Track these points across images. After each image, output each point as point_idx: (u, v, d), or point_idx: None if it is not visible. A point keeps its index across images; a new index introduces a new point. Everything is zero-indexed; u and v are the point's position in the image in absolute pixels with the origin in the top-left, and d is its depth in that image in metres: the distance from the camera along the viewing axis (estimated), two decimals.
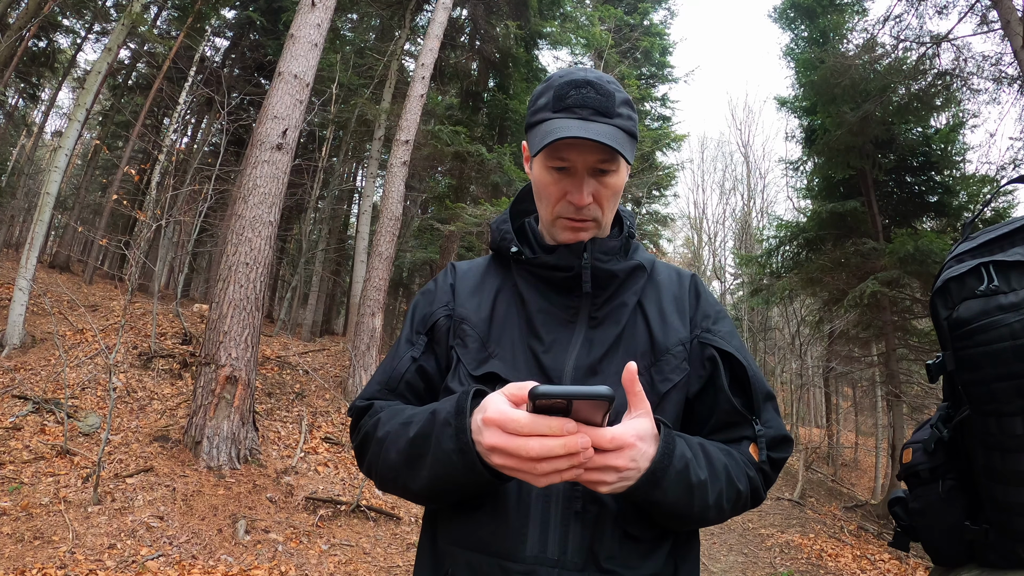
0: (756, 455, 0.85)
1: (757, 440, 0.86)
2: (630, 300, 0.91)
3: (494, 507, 0.79)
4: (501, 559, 0.77)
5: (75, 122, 7.42)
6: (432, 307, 0.97)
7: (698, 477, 0.75)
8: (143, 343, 7.19)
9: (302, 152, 11.64)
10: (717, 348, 0.89)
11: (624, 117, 0.86)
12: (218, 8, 12.98)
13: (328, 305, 17.22)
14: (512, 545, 0.77)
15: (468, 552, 0.80)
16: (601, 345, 0.87)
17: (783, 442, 0.89)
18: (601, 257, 0.89)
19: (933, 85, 8.63)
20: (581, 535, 0.77)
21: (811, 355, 14.43)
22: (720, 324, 0.93)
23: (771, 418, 0.89)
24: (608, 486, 0.69)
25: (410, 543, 4.95)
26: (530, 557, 0.76)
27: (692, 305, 0.94)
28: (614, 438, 0.66)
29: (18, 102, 15.91)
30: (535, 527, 0.77)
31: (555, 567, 0.76)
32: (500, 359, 0.87)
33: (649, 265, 0.96)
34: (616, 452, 0.66)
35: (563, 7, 11.94)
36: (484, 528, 0.79)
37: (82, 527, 3.85)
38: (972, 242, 1.03)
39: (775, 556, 6.32)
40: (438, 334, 0.94)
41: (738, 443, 0.87)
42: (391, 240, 8.01)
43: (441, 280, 1.01)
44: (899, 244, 8.19)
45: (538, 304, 0.91)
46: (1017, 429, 0.90)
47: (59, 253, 14.17)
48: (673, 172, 16.61)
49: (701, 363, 0.88)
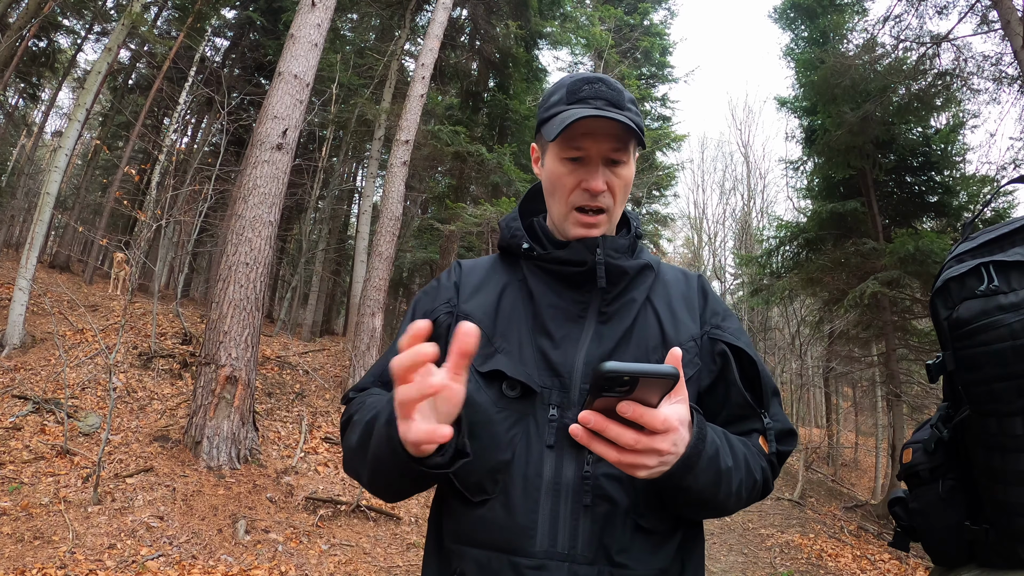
0: (766, 447, 0.87)
1: (766, 433, 0.88)
2: (639, 296, 0.92)
3: (502, 503, 0.79)
4: (511, 555, 0.77)
5: (75, 122, 7.42)
6: (434, 304, 0.97)
7: (726, 464, 0.76)
8: (143, 343, 7.19)
9: (302, 152, 11.63)
10: (728, 343, 0.90)
11: (634, 112, 0.90)
12: (218, 8, 12.98)
13: (328, 305, 17.21)
14: (521, 540, 0.77)
15: (476, 550, 0.79)
16: (611, 339, 0.88)
17: (789, 435, 0.91)
18: (613, 254, 0.90)
19: (933, 85, 8.63)
20: (591, 529, 0.77)
21: (811, 355, 14.43)
22: (728, 321, 0.95)
23: (778, 412, 0.91)
24: (648, 470, 0.68)
25: (410, 543, 4.95)
26: (540, 552, 0.76)
27: (700, 303, 0.96)
28: (667, 419, 0.65)
29: (18, 102, 15.91)
30: (544, 521, 0.77)
31: (565, 561, 0.76)
32: (506, 354, 0.87)
33: (656, 265, 0.98)
34: (663, 435, 0.66)
35: (563, 7, 11.93)
36: (492, 525, 0.79)
37: (82, 527, 3.85)
38: (972, 242, 1.03)
39: (775, 556, 6.32)
40: (438, 330, 0.93)
41: (748, 436, 0.88)
42: (391, 240, 8.01)
43: (445, 278, 1.01)
44: (899, 244, 8.19)
45: (548, 299, 0.91)
46: (1017, 429, 0.90)
47: (59, 253, 14.17)
48: (673, 172, 16.63)
49: (712, 358, 0.90)
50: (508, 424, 0.82)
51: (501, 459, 0.81)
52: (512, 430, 0.82)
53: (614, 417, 0.64)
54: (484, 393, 0.84)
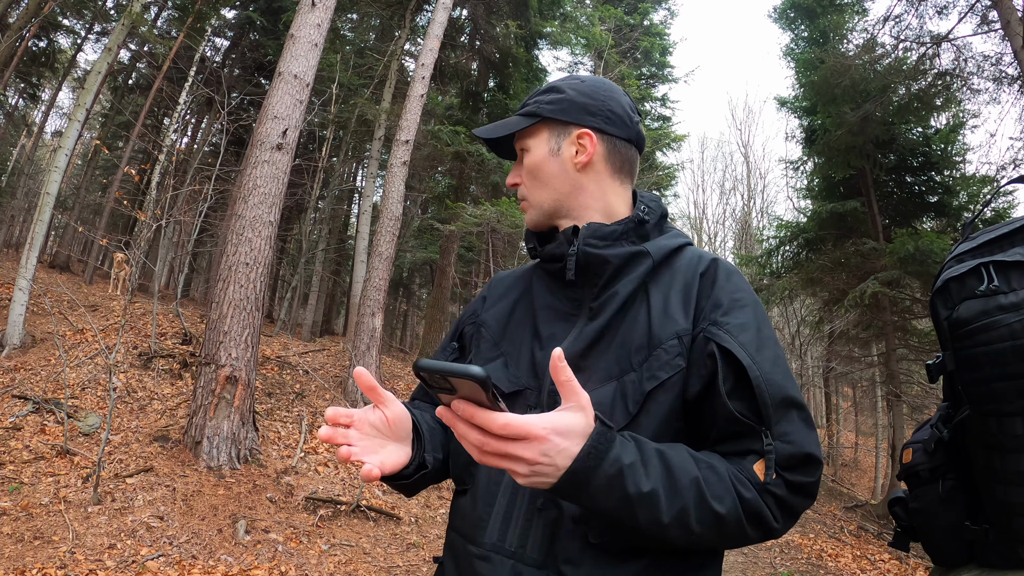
0: (762, 474, 0.71)
1: (765, 456, 0.71)
2: (623, 289, 0.83)
3: (472, 494, 0.84)
4: (467, 542, 0.82)
5: (75, 122, 7.42)
6: (465, 316, 1.03)
7: (638, 488, 0.65)
8: (143, 343, 7.19)
9: (302, 152, 11.64)
10: (718, 344, 0.76)
11: (532, 104, 0.93)
12: (218, 8, 12.97)
13: (328, 305, 17.21)
14: (476, 530, 0.80)
15: (453, 533, 0.87)
16: (585, 338, 0.82)
17: (805, 462, 0.72)
18: (593, 243, 0.84)
19: (933, 85, 8.64)
20: (544, 533, 0.76)
21: (811, 355, 14.43)
22: (733, 315, 0.79)
23: (791, 431, 0.72)
24: (523, 478, 0.63)
25: (410, 543, 4.95)
26: (488, 543, 0.78)
27: (703, 293, 0.83)
28: (507, 424, 0.58)
29: (18, 102, 15.91)
30: (497, 516, 0.79)
31: (511, 558, 0.76)
32: (508, 357, 0.90)
33: (663, 252, 0.86)
34: (520, 442, 0.60)
35: (563, 7, 11.94)
36: (462, 512, 0.85)
37: (82, 527, 3.85)
38: (972, 242, 1.03)
39: (775, 556, 6.32)
40: (465, 341, 1.00)
41: (743, 457, 0.73)
42: (391, 240, 8.01)
43: (480, 290, 1.10)
44: (899, 244, 8.19)
45: (544, 300, 0.91)
46: (1017, 429, 0.90)
47: (59, 253, 14.18)
48: (673, 172, 16.62)
49: (702, 360, 0.77)
50: None
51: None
52: None
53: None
54: None
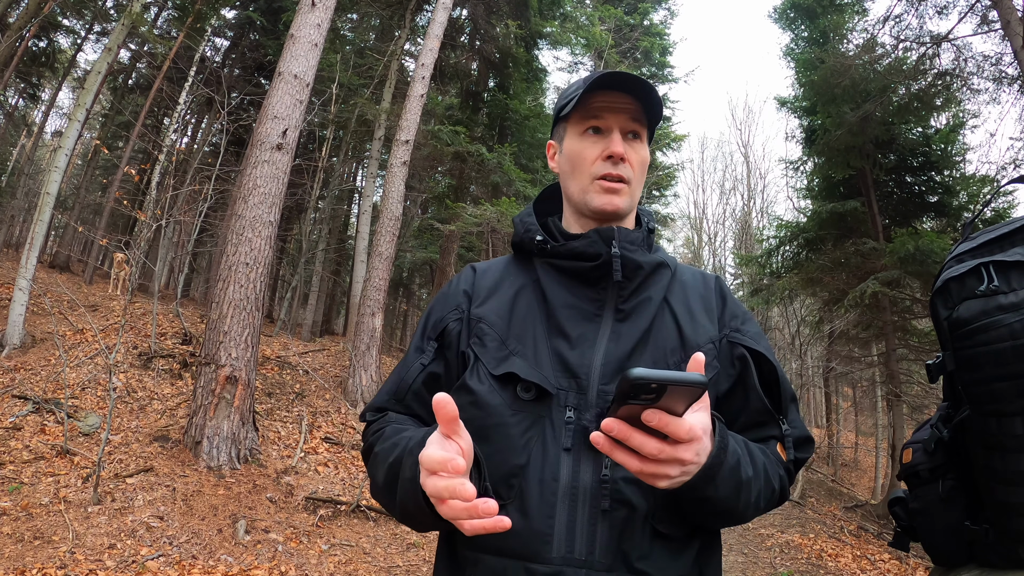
0: (784, 454, 0.86)
1: (784, 440, 0.86)
2: (656, 295, 0.90)
3: (518, 508, 0.77)
4: (527, 561, 0.75)
5: (75, 122, 7.42)
6: (444, 311, 0.96)
7: (747, 474, 0.75)
8: (143, 343, 7.19)
9: (302, 152, 11.64)
10: (747, 348, 0.89)
11: (657, 99, 0.92)
12: (218, 8, 12.97)
13: (328, 305, 17.21)
14: (538, 547, 0.75)
15: (491, 557, 0.78)
16: (629, 339, 0.85)
17: (807, 442, 0.90)
18: (628, 246, 0.88)
19: (933, 85, 8.63)
20: (609, 535, 0.76)
21: (811, 355, 14.44)
22: (748, 325, 0.93)
23: (796, 419, 0.89)
24: (669, 480, 0.66)
25: (410, 543, 4.95)
26: (557, 558, 0.75)
27: (719, 305, 0.94)
28: (691, 429, 0.63)
29: (18, 102, 15.91)
30: (561, 527, 0.76)
31: (583, 568, 0.75)
32: (521, 357, 0.85)
33: (673, 264, 0.96)
34: (686, 445, 0.64)
35: (563, 7, 11.94)
36: (507, 531, 0.76)
37: (82, 527, 3.85)
38: (972, 242, 1.03)
39: (775, 556, 6.32)
40: (448, 339, 0.93)
41: (766, 442, 0.87)
42: (391, 240, 8.02)
43: (455, 283, 1.00)
44: (899, 244, 8.18)
45: (562, 299, 0.89)
46: (1017, 429, 0.90)
47: (59, 253, 14.17)
48: (673, 172, 16.64)
49: (731, 362, 0.89)
50: (523, 427, 0.81)
51: (516, 463, 0.79)
52: (527, 433, 0.80)
53: (638, 425, 0.61)
54: (498, 396, 0.83)
